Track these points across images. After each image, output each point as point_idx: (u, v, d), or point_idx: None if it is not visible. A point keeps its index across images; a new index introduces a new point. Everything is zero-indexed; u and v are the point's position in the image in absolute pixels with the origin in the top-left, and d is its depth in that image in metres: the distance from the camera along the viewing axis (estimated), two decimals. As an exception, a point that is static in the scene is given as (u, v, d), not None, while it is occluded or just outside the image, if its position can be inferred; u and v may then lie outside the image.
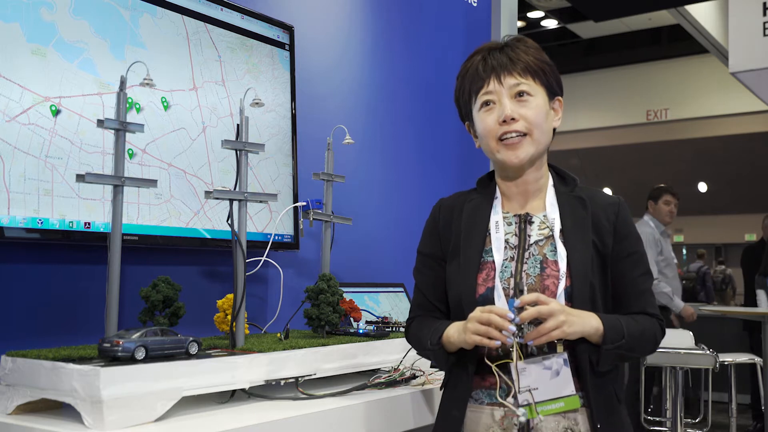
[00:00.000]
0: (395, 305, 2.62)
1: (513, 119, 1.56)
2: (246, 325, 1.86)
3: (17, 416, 1.44)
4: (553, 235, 1.57)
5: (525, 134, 1.56)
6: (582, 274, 1.53)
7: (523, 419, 1.46)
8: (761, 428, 5.83)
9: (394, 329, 2.11)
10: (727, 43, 5.85)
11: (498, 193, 1.67)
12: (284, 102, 2.36)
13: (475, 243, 1.61)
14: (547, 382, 1.48)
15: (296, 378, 1.70)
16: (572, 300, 1.51)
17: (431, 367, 2.06)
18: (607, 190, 14.42)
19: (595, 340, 1.49)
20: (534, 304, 1.44)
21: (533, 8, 10.23)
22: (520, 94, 1.57)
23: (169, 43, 2.02)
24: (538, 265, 1.55)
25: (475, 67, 1.61)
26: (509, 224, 1.62)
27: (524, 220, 1.61)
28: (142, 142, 1.91)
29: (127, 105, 1.68)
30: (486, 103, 1.59)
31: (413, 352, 1.98)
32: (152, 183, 1.63)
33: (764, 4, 5.27)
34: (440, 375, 1.97)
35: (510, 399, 1.49)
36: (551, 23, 10.90)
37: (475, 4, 3.53)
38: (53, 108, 1.74)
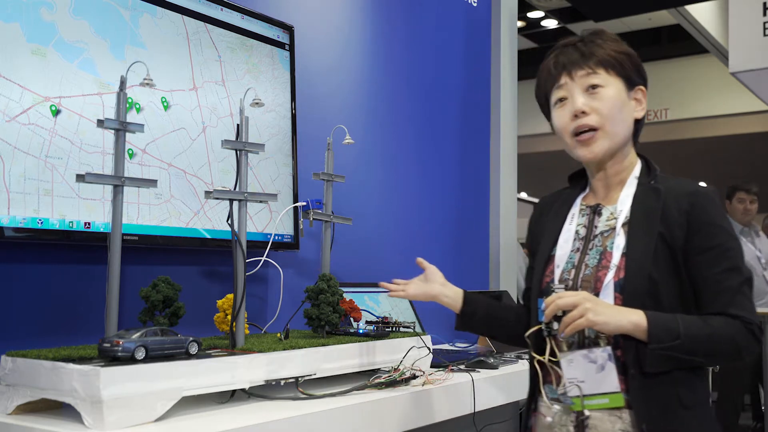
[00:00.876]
0: (395, 305, 2.62)
1: (584, 113, 1.54)
2: (246, 325, 1.86)
3: (17, 416, 1.44)
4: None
5: (597, 128, 1.54)
6: (638, 267, 1.46)
7: (548, 419, 1.49)
8: (761, 428, 5.83)
9: (394, 329, 2.11)
10: (727, 43, 5.85)
11: (588, 187, 1.67)
12: (284, 102, 2.36)
13: (552, 235, 1.64)
14: (593, 376, 1.46)
15: (296, 378, 1.70)
16: (624, 292, 1.46)
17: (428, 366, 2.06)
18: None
19: (641, 338, 1.42)
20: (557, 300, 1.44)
21: (533, 8, 10.22)
22: (592, 87, 1.54)
23: (169, 43, 2.01)
24: (598, 257, 1.53)
25: (549, 65, 1.61)
26: (583, 216, 1.62)
27: (594, 211, 1.60)
28: (142, 142, 1.91)
29: (127, 105, 1.68)
30: (560, 100, 1.59)
31: (413, 351, 1.99)
32: (152, 183, 1.63)
33: (764, 4, 5.26)
34: (440, 375, 1.98)
35: (548, 394, 1.51)
36: (551, 23, 10.88)
37: (475, 4, 3.53)
38: (53, 108, 1.74)
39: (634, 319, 1.41)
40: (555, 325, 1.45)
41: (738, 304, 1.45)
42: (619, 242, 1.51)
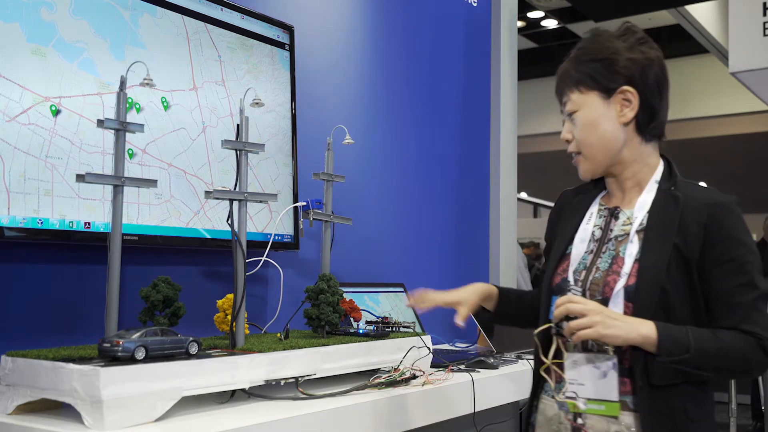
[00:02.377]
0: (395, 305, 2.62)
1: (568, 141, 1.60)
2: (246, 325, 1.86)
3: (17, 416, 1.44)
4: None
5: (579, 152, 1.59)
6: (650, 276, 1.44)
7: (582, 406, 1.48)
8: (761, 428, 5.83)
9: (394, 329, 2.11)
10: (727, 43, 5.85)
11: (607, 186, 1.66)
12: (284, 102, 2.36)
13: (567, 233, 1.63)
14: (595, 381, 1.46)
15: (296, 378, 1.70)
16: (635, 301, 1.44)
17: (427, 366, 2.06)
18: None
19: (650, 350, 1.40)
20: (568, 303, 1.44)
21: (533, 8, 10.22)
22: (569, 112, 1.58)
23: (169, 43, 2.01)
24: (609, 261, 1.52)
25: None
26: (600, 217, 1.61)
27: (611, 214, 1.59)
28: (142, 142, 1.91)
29: (127, 105, 1.68)
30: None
31: (413, 351, 1.99)
32: (152, 183, 1.63)
33: (764, 4, 5.27)
34: (440, 375, 1.98)
35: (561, 395, 1.52)
36: (551, 23, 10.89)
37: (475, 4, 3.53)
38: (53, 108, 1.74)
39: (644, 331, 1.40)
40: (564, 324, 1.44)
41: (751, 320, 1.42)
42: (632, 249, 1.48)
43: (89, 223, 1.79)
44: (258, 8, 2.32)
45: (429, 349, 2.05)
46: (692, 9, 6.84)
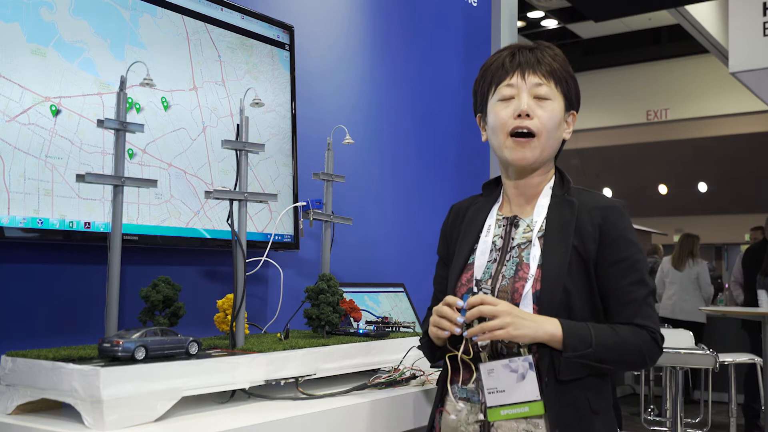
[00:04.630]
0: (395, 305, 2.62)
1: (528, 115, 1.56)
2: (246, 325, 1.86)
3: (17, 416, 1.44)
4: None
5: (534, 135, 1.57)
6: (553, 279, 1.50)
7: (459, 414, 1.55)
8: (763, 427, 5.82)
9: (394, 329, 2.11)
10: (727, 43, 5.86)
11: (501, 197, 1.70)
12: (284, 102, 2.36)
13: (467, 245, 1.66)
14: (514, 385, 1.49)
15: (296, 378, 1.70)
16: (540, 303, 1.50)
17: (431, 366, 2.06)
18: (608, 191, 14.41)
19: (556, 347, 1.47)
20: (480, 304, 1.47)
21: (533, 8, 10.23)
22: (540, 96, 1.58)
23: (169, 43, 2.02)
24: (514, 268, 1.56)
25: (502, 60, 1.63)
26: (499, 227, 1.65)
27: (511, 223, 1.63)
28: (142, 142, 1.91)
29: (127, 105, 1.68)
30: (506, 98, 1.60)
31: (413, 351, 1.99)
32: (152, 183, 1.63)
33: (764, 4, 5.28)
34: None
35: (455, 392, 1.57)
36: (551, 23, 10.90)
37: (475, 4, 3.53)
38: (53, 108, 1.74)
39: (550, 329, 1.46)
40: (474, 323, 1.49)
41: (643, 315, 1.52)
42: (536, 253, 1.54)
43: (89, 223, 1.79)
44: (258, 8, 2.32)
45: (429, 349, 2.05)
46: (692, 9, 6.85)
